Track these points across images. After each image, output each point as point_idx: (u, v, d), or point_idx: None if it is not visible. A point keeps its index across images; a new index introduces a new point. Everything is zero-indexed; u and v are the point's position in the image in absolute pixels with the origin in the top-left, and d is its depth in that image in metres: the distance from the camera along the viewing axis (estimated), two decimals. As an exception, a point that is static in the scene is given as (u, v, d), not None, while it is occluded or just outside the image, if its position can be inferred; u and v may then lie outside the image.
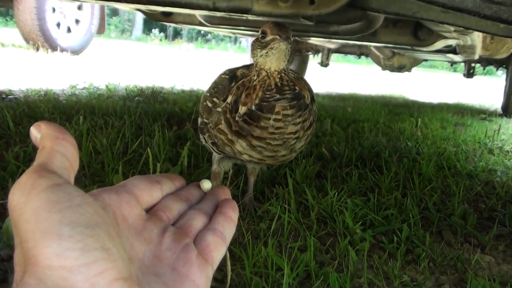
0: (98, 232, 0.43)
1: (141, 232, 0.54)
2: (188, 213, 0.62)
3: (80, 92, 4.03)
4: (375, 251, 1.50)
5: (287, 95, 1.29)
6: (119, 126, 2.37)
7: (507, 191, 2.21)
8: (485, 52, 3.99)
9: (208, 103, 1.43)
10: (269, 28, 1.28)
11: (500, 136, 3.73)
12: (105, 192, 0.54)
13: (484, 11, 1.20)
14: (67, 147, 0.50)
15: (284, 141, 1.33)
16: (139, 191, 0.58)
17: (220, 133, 1.38)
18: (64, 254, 0.40)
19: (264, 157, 1.37)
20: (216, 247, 0.58)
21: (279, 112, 1.28)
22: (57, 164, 0.48)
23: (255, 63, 1.34)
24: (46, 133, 0.50)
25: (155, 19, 2.68)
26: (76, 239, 0.41)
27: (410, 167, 2.28)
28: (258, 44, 1.31)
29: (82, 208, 0.44)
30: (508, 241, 1.70)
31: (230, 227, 0.62)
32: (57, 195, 0.44)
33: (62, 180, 0.46)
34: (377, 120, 3.83)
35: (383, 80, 11.62)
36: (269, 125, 1.29)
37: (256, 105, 1.28)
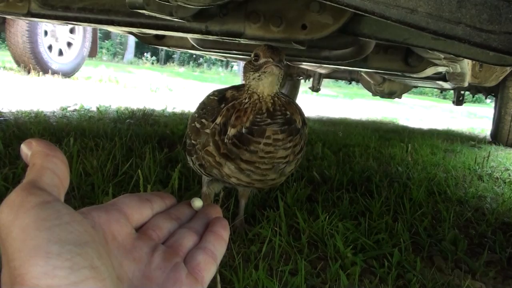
0: (87, 250, 0.43)
1: (131, 251, 0.54)
2: (178, 232, 0.61)
3: (71, 114, 4.02)
4: (366, 275, 1.49)
5: (279, 120, 1.28)
6: (109, 148, 2.36)
7: (497, 217, 2.21)
8: (474, 80, 4.04)
9: (196, 124, 1.41)
10: (262, 51, 1.28)
11: (490, 163, 3.75)
12: (94, 211, 0.53)
13: (474, 38, 1.21)
14: (58, 164, 0.49)
15: (273, 165, 1.32)
16: (129, 210, 0.57)
17: (208, 155, 1.35)
18: (52, 273, 0.39)
19: (253, 180, 1.35)
20: (206, 266, 0.57)
21: (270, 136, 1.27)
22: (47, 181, 0.47)
23: (247, 86, 1.33)
24: (37, 150, 0.50)
25: (148, 42, 2.69)
26: (64, 258, 0.40)
27: (400, 192, 2.29)
28: (250, 67, 1.30)
29: (71, 226, 0.43)
30: (499, 268, 1.69)
31: (221, 246, 0.61)
32: (46, 212, 0.43)
33: (52, 197, 0.45)
34: (367, 145, 3.84)
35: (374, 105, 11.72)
36: (259, 149, 1.27)
37: (246, 128, 1.27)
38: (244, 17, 1.76)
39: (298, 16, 1.72)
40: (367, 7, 1.13)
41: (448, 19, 1.17)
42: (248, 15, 1.75)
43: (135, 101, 5.51)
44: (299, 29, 1.74)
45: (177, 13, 1.56)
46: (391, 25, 1.68)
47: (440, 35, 1.27)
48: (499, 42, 1.16)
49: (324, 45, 2.01)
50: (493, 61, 1.69)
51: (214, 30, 1.78)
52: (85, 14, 1.79)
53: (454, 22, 1.17)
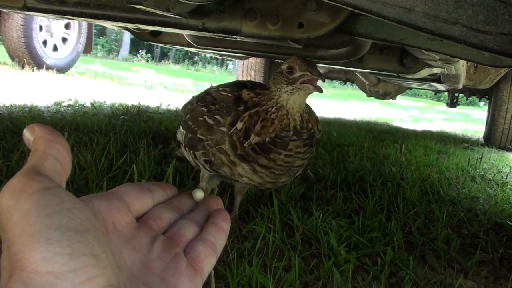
0: (87, 237, 0.42)
1: (131, 240, 0.53)
2: (179, 222, 0.60)
3: (65, 109, 4.00)
4: (359, 272, 1.50)
5: (304, 136, 1.27)
6: (104, 143, 2.36)
7: (490, 218, 2.22)
8: (469, 82, 4.06)
9: (207, 119, 1.36)
10: (297, 64, 1.24)
11: (482, 165, 3.77)
12: (95, 198, 0.52)
13: (470, 39, 1.21)
14: (60, 150, 0.49)
15: (287, 170, 1.32)
16: (130, 199, 0.57)
17: (221, 153, 1.33)
18: (52, 259, 0.39)
19: (265, 181, 1.34)
20: (206, 258, 0.56)
21: (292, 149, 1.26)
22: (49, 167, 0.47)
23: (274, 95, 1.28)
24: (39, 135, 0.49)
25: (144, 39, 2.68)
26: (64, 244, 0.40)
27: (394, 191, 2.30)
28: (283, 79, 1.25)
29: (72, 213, 0.43)
30: (491, 267, 1.70)
31: (222, 238, 0.60)
32: (47, 198, 0.42)
33: (53, 183, 0.45)
34: (361, 145, 3.85)
35: (368, 107, 11.74)
36: (278, 159, 1.26)
37: (270, 139, 1.25)
38: (241, 15, 1.76)
39: (295, 14, 1.73)
40: (364, 5, 1.13)
41: (445, 19, 1.17)
42: (245, 12, 1.75)
43: (130, 97, 5.49)
44: (296, 27, 1.75)
45: (174, 9, 1.55)
46: (387, 25, 1.70)
47: (437, 35, 1.27)
48: (495, 43, 1.17)
49: (320, 44, 2.01)
50: (489, 62, 1.70)
51: (210, 27, 1.78)
52: (81, 8, 1.78)
53: (451, 22, 1.17)
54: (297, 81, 1.23)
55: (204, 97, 1.47)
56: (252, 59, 5.69)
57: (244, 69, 5.96)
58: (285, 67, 1.26)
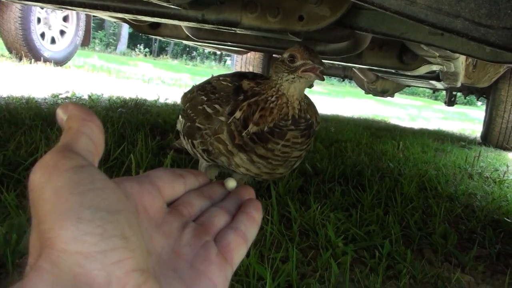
0: (118, 219, 0.41)
1: (161, 225, 0.52)
2: (210, 210, 0.59)
3: (62, 101, 3.99)
4: (356, 265, 1.50)
5: (301, 126, 1.26)
6: (101, 134, 2.35)
7: (487, 214, 2.23)
8: (467, 80, 4.06)
9: (206, 108, 1.35)
10: (299, 52, 1.22)
11: (480, 163, 3.78)
12: (127, 181, 0.51)
13: (472, 33, 1.21)
14: (94, 129, 0.48)
15: (285, 161, 1.32)
16: (162, 183, 0.56)
17: (219, 142, 1.31)
18: (82, 239, 0.38)
19: (262, 172, 1.33)
20: (237, 247, 0.55)
21: (289, 139, 1.25)
22: (82, 146, 0.46)
23: (275, 84, 1.26)
24: (73, 114, 0.48)
25: (142, 31, 2.67)
26: (96, 224, 0.39)
27: (392, 186, 2.29)
28: (285, 68, 1.23)
29: (104, 192, 0.42)
30: (488, 263, 1.70)
31: (253, 228, 0.59)
32: (80, 176, 0.41)
33: (86, 162, 0.44)
34: (359, 141, 3.85)
35: (365, 104, 11.75)
36: (275, 149, 1.25)
37: (268, 128, 1.24)
38: (241, 6, 1.75)
39: (295, 7, 1.72)
40: (366, -3, 1.12)
41: (447, 12, 1.16)
42: (245, 4, 1.74)
43: (128, 91, 5.48)
44: (296, 20, 1.74)
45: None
46: (388, 18, 1.69)
47: (439, 28, 1.27)
48: (497, 37, 1.16)
49: (320, 38, 2.01)
50: (490, 58, 1.70)
51: (210, 18, 1.77)
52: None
53: (453, 15, 1.17)
54: (299, 69, 1.21)
55: (204, 86, 1.46)
56: (251, 53, 5.68)
57: (242, 64, 5.95)
58: (287, 55, 1.24)
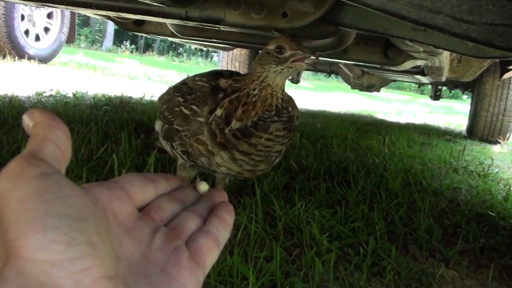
0: (86, 226, 0.41)
1: (132, 231, 0.52)
2: (181, 214, 0.59)
3: (47, 99, 3.95)
4: (341, 262, 1.50)
5: (284, 118, 1.25)
6: (84, 133, 2.33)
7: (471, 208, 2.24)
8: (452, 75, 4.08)
9: (184, 110, 1.33)
10: (286, 43, 1.21)
11: (465, 157, 3.80)
12: (96, 186, 0.51)
13: (454, 28, 1.21)
14: (60, 136, 0.47)
15: (266, 157, 1.31)
16: (132, 188, 0.55)
17: (199, 143, 1.30)
18: (48, 247, 0.38)
19: (244, 170, 1.32)
20: (209, 251, 0.54)
21: (272, 132, 1.24)
22: (48, 153, 0.45)
23: (258, 77, 1.25)
24: (39, 120, 0.47)
25: (127, 28, 2.64)
26: (62, 232, 0.38)
27: (377, 182, 2.30)
28: (272, 59, 1.23)
29: (71, 199, 0.41)
30: (472, 257, 1.71)
31: (225, 231, 0.59)
32: (46, 184, 0.41)
33: (52, 169, 0.43)
34: (345, 136, 3.86)
35: (352, 99, 11.78)
36: (259, 143, 1.24)
37: (252, 122, 1.23)
38: (225, 3, 1.74)
39: (279, 3, 1.71)
40: (348, -7, 1.12)
41: (429, 9, 1.16)
42: (229, 1, 1.73)
43: (113, 88, 5.44)
44: (280, 17, 1.73)
45: (156, -4, 1.53)
46: (371, 15, 1.69)
47: (421, 24, 1.27)
48: (479, 33, 1.17)
49: (305, 34, 2.00)
50: (472, 53, 1.70)
51: (194, 15, 1.76)
52: (62, -5, 1.75)
53: (434, 11, 1.17)
54: (288, 60, 1.20)
55: (180, 87, 1.44)
56: (237, 50, 5.67)
57: (228, 61, 5.93)
58: (273, 47, 1.23)
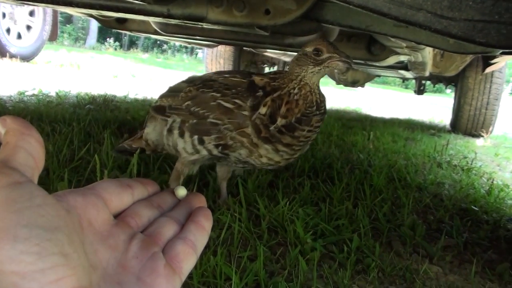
0: (58, 236, 0.40)
1: (107, 238, 0.51)
2: (158, 220, 0.58)
3: (29, 99, 3.90)
4: (325, 260, 1.50)
5: (322, 110, 1.36)
6: (66, 133, 2.30)
7: (455, 203, 2.25)
8: (435, 69, 4.10)
9: (225, 104, 1.39)
10: (324, 46, 1.31)
11: (448, 151, 3.83)
12: (70, 194, 0.50)
13: (435, 25, 1.21)
14: (33, 144, 0.46)
15: (304, 145, 1.40)
16: (108, 195, 0.54)
17: (243, 136, 1.37)
18: (18, 258, 0.37)
19: (282, 159, 1.42)
20: (186, 257, 0.54)
21: (313, 124, 1.35)
22: (20, 161, 0.44)
23: (297, 76, 1.34)
24: (11, 127, 0.46)
25: (110, 26, 2.62)
26: (33, 243, 0.38)
27: (361, 178, 2.30)
28: (310, 61, 1.32)
29: (42, 209, 0.41)
30: (455, 252, 1.72)
31: (203, 237, 0.58)
32: (17, 193, 0.40)
33: (24, 178, 0.42)
34: (330, 132, 3.86)
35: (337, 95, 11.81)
36: (301, 135, 1.34)
37: (295, 119, 1.32)
38: (207, 1, 1.73)
39: (261, 1, 1.70)
40: (328, -10, 1.11)
41: (409, 5, 1.16)
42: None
43: (97, 86, 5.40)
44: (262, 14, 1.72)
45: (138, -6, 1.52)
46: (354, 11, 1.68)
47: (402, 21, 1.27)
48: (459, 29, 1.17)
49: (288, 31, 2.00)
50: (453, 49, 1.71)
51: (176, 13, 1.74)
52: (41, -7, 1.73)
53: (415, 8, 1.17)
54: (326, 61, 1.30)
55: (208, 83, 1.48)
56: (221, 47, 5.65)
57: (213, 58, 5.91)
58: (311, 49, 1.33)
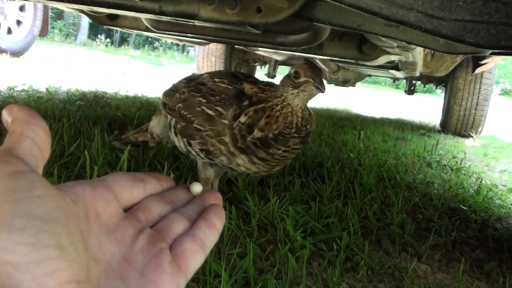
0: (55, 228, 0.39)
1: (114, 231, 0.50)
2: (168, 216, 0.57)
3: (18, 94, 3.87)
4: (314, 258, 1.50)
5: (302, 134, 1.35)
6: (56, 129, 2.29)
7: (444, 203, 2.27)
8: (426, 70, 4.12)
9: (208, 111, 1.39)
10: (302, 69, 1.30)
11: (438, 151, 3.85)
12: (79, 185, 0.49)
13: (425, 25, 1.22)
14: (39, 133, 0.46)
15: (281, 162, 1.39)
16: (118, 188, 0.54)
17: (221, 144, 1.36)
18: (13, 248, 0.36)
19: (260, 171, 1.40)
20: (193, 255, 0.53)
21: (290, 146, 1.33)
22: (25, 150, 0.44)
23: (281, 94, 1.34)
24: (18, 116, 0.46)
25: (101, 22, 2.60)
26: (28, 233, 0.37)
27: (351, 177, 2.31)
28: (290, 83, 1.32)
29: (42, 200, 0.40)
30: (444, 251, 1.74)
31: (213, 235, 0.57)
32: (18, 183, 0.40)
33: (27, 167, 0.42)
34: (321, 131, 3.87)
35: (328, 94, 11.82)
36: (276, 154, 1.33)
37: (273, 135, 1.31)
38: (199, -2, 1.72)
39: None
40: (320, -11, 1.12)
41: (400, 5, 1.17)
42: (203, -5, 1.71)
43: (87, 83, 5.37)
44: (254, 12, 1.72)
45: (128, -10, 1.51)
46: (345, 10, 1.69)
47: (393, 20, 1.27)
48: (449, 29, 1.18)
49: (279, 30, 1.99)
50: (444, 49, 1.72)
51: (167, 10, 1.74)
52: (32, -12, 1.71)
53: (406, 8, 1.17)
54: (301, 85, 1.30)
55: (198, 87, 1.48)
56: (213, 45, 5.64)
57: (204, 55, 5.90)
58: (293, 71, 1.33)
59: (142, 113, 3.15)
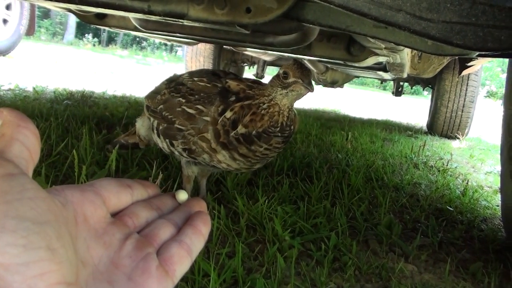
0: (46, 230, 0.40)
1: (102, 235, 0.51)
2: (156, 222, 0.58)
3: (5, 93, 3.84)
4: (303, 258, 1.51)
5: (286, 134, 1.36)
6: (44, 128, 2.28)
7: (430, 203, 2.29)
8: (413, 71, 4.15)
9: (188, 110, 1.39)
10: (291, 70, 1.31)
11: (425, 152, 3.88)
12: (68, 189, 0.50)
13: (414, 26, 1.23)
14: (28, 136, 0.46)
15: (262, 159, 1.40)
16: (106, 193, 0.54)
17: (203, 141, 1.37)
18: (3, 250, 0.37)
19: (241, 168, 1.42)
20: (180, 260, 0.54)
21: (272, 144, 1.34)
22: (15, 153, 0.44)
23: (269, 93, 1.34)
24: (8, 119, 0.46)
25: (88, 21, 2.59)
26: (19, 235, 0.38)
27: (339, 177, 2.32)
28: (279, 83, 1.33)
29: (33, 202, 0.40)
30: (430, 251, 1.75)
31: (199, 241, 0.58)
32: (9, 185, 0.40)
33: (18, 170, 0.42)
34: (309, 132, 3.88)
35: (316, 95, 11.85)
36: (257, 151, 1.34)
37: (256, 132, 1.32)
38: (188, -2, 1.72)
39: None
40: (309, -10, 1.12)
41: (389, 6, 1.18)
42: (192, -5, 1.71)
43: (75, 82, 5.34)
44: (243, 12, 1.72)
45: (117, -11, 1.50)
46: (334, 11, 1.70)
47: (381, 21, 1.28)
48: (437, 31, 1.19)
49: (268, 30, 2.00)
50: (431, 51, 1.73)
51: (156, 10, 1.73)
52: (19, -14, 1.70)
53: (395, 9, 1.18)
54: (290, 86, 1.31)
55: (178, 88, 1.49)
56: (201, 45, 5.63)
57: (193, 55, 5.89)
58: (282, 71, 1.34)
59: (130, 113, 3.13)
